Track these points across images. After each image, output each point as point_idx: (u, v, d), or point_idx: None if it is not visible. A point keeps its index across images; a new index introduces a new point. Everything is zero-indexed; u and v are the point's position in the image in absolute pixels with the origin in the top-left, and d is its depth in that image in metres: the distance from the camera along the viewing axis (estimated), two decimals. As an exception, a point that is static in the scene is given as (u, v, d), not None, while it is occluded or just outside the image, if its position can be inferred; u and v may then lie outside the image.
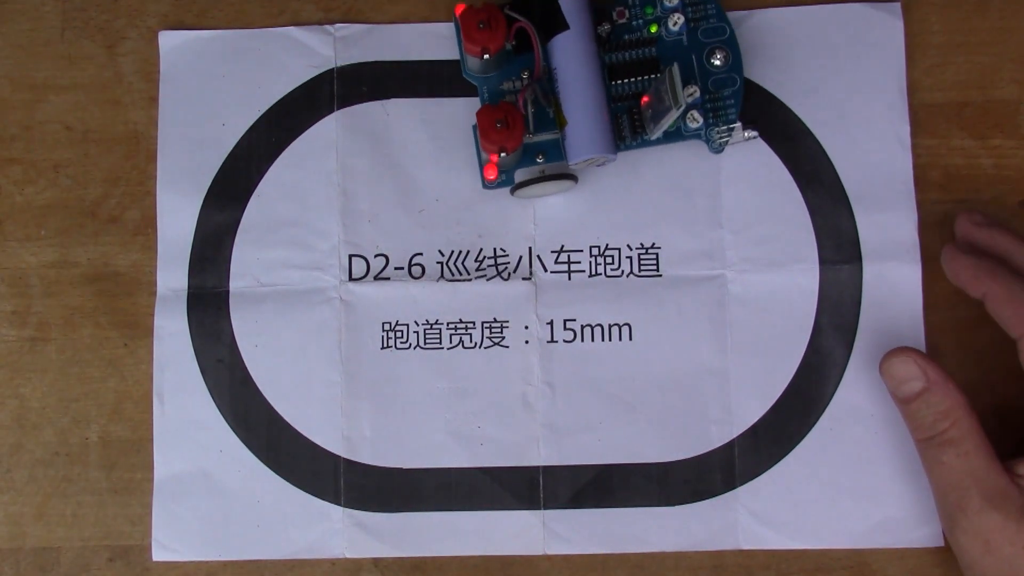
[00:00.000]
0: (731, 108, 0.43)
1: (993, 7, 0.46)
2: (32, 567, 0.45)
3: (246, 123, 0.46)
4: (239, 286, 0.45)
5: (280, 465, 0.45)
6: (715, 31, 0.43)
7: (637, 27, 0.44)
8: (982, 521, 0.38)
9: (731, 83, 0.43)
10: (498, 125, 0.41)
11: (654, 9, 0.43)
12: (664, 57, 0.43)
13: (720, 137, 0.43)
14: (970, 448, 0.38)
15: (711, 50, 0.43)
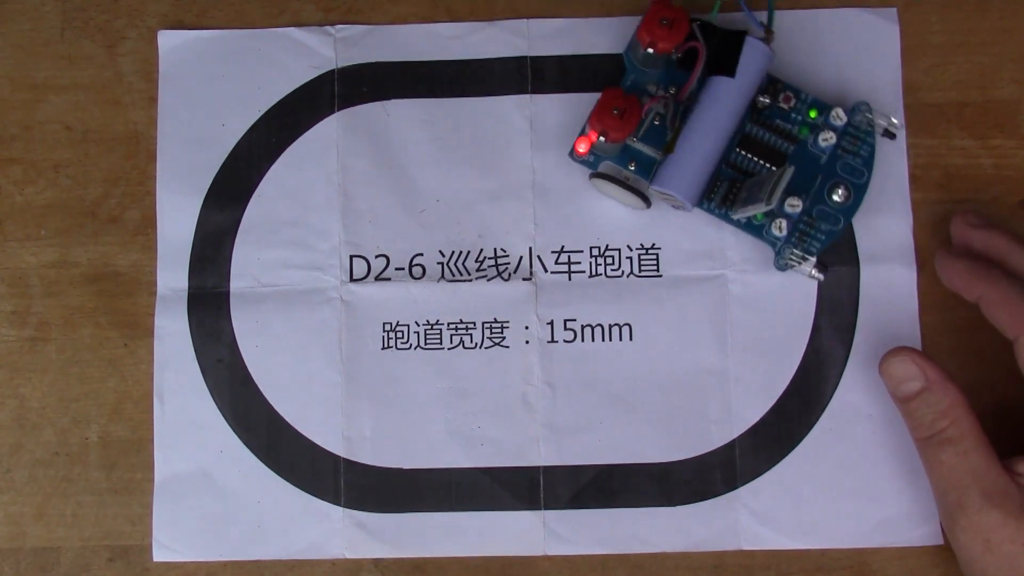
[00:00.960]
0: (818, 242, 0.43)
1: (993, 7, 0.46)
2: (32, 567, 0.45)
3: (246, 123, 0.46)
4: (239, 286, 0.46)
5: (280, 465, 0.45)
6: (854, 170, 0.43)
7: (792, 119, 0.43)
8: (982, 519, 0.38)
9: (834, 222, 0.42)
10: (615, 111, 0.41)
11: (818, 116, 0.43)
12: (794, 158, 0.43)
13: (790, 259, 0.43)
14: (969, 447, 0.38)
15: (837, 184, 0.42)
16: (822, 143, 0.42)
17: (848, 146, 0.43)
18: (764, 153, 0.43)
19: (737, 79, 0.41)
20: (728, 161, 0.43)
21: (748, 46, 0.41)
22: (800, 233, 0.42)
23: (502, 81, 0.46)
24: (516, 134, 0.46)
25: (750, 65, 0.42)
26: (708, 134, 0.42)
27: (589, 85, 0.46)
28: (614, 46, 0.46)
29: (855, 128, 0.42)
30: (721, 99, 0.42)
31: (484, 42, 0.46)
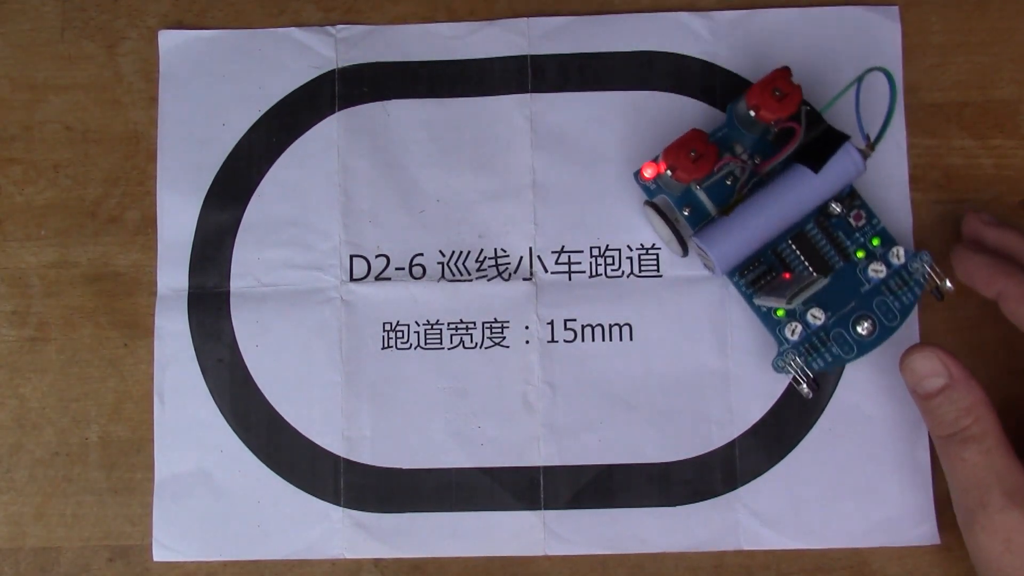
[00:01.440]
0: (823, 362, 0.42)
1: (993, 7, 0.46)
2: (32, 567, 0.45)
3: (247, 123, 0.46)
4: (240, 286, 0.46)
5: (280, 465, 0.45)
6: (889, 310, 0.42)
7: (853, 237, 0.43)
8: (1004, 519, 0.37)
9: (847, 350, 0.42)
10: (692, 152, 0.41)
11: (880, 245, 0.43)
12: (839, 275, 0.42)
13: (787, 365, 0.42)
14: (992, 445, 0.38)
15: (866, 317, 0.42)
16: (871, 273, 0.42)
17: (894, 286, 0.42)
18: (812, 256, 0.43)
19: (819, 177, 0.41)
20: (775, 249, 0.43)
21: (844, 151, 0.41)
22: (810, 346, 0.42)
23: (502, 81, 0.46)
24: (516, 134, 0.46)
25: (838, 170, 0.41)
26: (768, 216, 0.41)
27: (590, 84, 0.46)
28: (614, 44, 0.46)
29: (908, 273, 0.42)
30: (796, 189, 0.41)
31: (484, 42, 0.46)
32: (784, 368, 0.42)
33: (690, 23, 0.46)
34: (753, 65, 0.46)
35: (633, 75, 0.46)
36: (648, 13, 0.46)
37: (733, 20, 0.46)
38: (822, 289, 0.42)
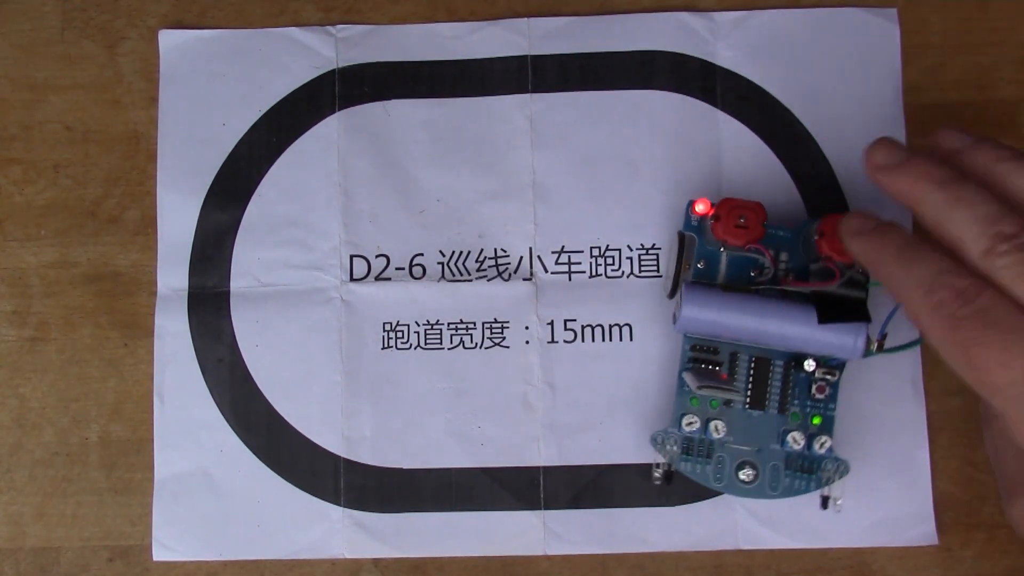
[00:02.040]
0: (690, 468, 0.42)
1: (993, 7, 0.46)
2: (32, 567, 0.45)
3: (247, 123, 0.46)
4: (240, 286, 0.46)
5: (280, 465, 0.45)
6: (777, 480, 0.42)
7: (801, 400, 0.42)
8: None
9: (718, 478, 0.42)
10: (740, 219, 0.41)
11: (817, 426, 0.42)
12: (764, 415, 0.42)
13: (663, 445, 0.42)
14: None
15: (753, 467, 0.42)
16: (789, 440, 0.41)
17: (796, 466, 0.42)
18: (758, 384, 0.42)
19: (818, 330, 0.40)
20: (736, 350, 0.42)
21: (854, 329, 0.40)
22: (692, 447, 0.42)
23: (503, 80, 0.46)
24: (517, 134, 0.46)
25: (837, 338, 0.40)
26: (754, 321, 0.40)
27: (590, 84, 0.46)
28: (615, 44, 0.46)
29: (817, 468, 0.42)
30: (792, 322, 0.40)
31: (485, 41, 0.46)
32: (659, 445, 0.42)
33: (690, 23, 0.46)
34: (753, 65, 0.46)
35: (633, 75, 0.46)
36: (648, 13, 0.46)
37: (733, 20, 0.46)
38: (744, 416, 0.42)
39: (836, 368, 0.42)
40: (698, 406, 0.42)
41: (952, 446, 0.44)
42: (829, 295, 0.40)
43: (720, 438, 0.42)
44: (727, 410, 0.42)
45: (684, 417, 0.42)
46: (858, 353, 0.40)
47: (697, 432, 0.42)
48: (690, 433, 0.42)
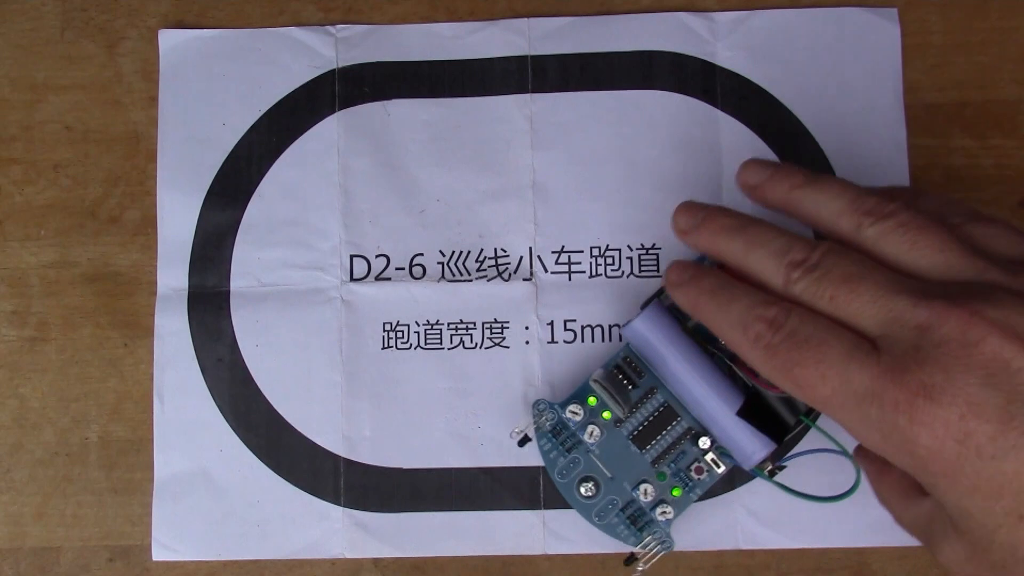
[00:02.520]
0: (538, 442, 0.43)
1: (993, 7, 0.46)
2: (32, 567, 0.45)
3: (247, 123, 0.46)
4: (240, 286, 0.46)
5: (280, 465, 0.45)
6: (604, 515, 0.42)
7: (677, 466, 0.42)
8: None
9: (552, 465, 0.43)
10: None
11: (674, 497, 0.42)
12: (635, 456, 0.42)
13: (540, 416, 0.42)
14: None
15: (589, 479, 0.42)
16: (640, 492, 0.42)
17: (626, 516, 0.42)
18: (652, 429, 0.42)
19: (727, 419, 0.40)
20: (654, 387, 0.42)
21: (756, 441, 0.39)
22: (555, 428, 0.42)
23: (503, 80, 0.46)
24: (517, 134, 0.46)
25: (744, 440, 0.40)
26: (682, 375, 0.40)
27: (590, 84, 0.46)
28: (615, 44, 0.46)
29: (646, 528, 0.42)
30: (717, 395, 0.40)
31: (485, 41, 0.47)
32: (536, 411, 0.42)
33: (690, 23, 0.46)
34: (753, 65, 0.46)
35: (633, 75, 0.46)
36: (648, 13, 0.46)
37: (733, 20, 0.46)
38: (622, 443, 0.42)
39: (725, 463, 0.42)
40: (591, 406, 0.42)
41: None
42: (763, 398, 0.40)
43: (588, 443, 0.42)
44: (612, 428, 0.42)
45: (573, 404, 0.42)
46: (748, 463, 0.39)
47: (574, 425, 0.42)
48: (568, 420, 0.42)
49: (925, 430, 0.30)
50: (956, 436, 0.30)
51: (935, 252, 0.33)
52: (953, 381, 0.30)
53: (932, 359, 0.31)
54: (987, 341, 0.30)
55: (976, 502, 0.31)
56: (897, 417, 0.31)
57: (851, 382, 0.32)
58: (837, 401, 0.33)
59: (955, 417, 0.30)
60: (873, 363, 0.32)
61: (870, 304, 0.33)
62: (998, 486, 0.30)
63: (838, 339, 0.33)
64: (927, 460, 0.31)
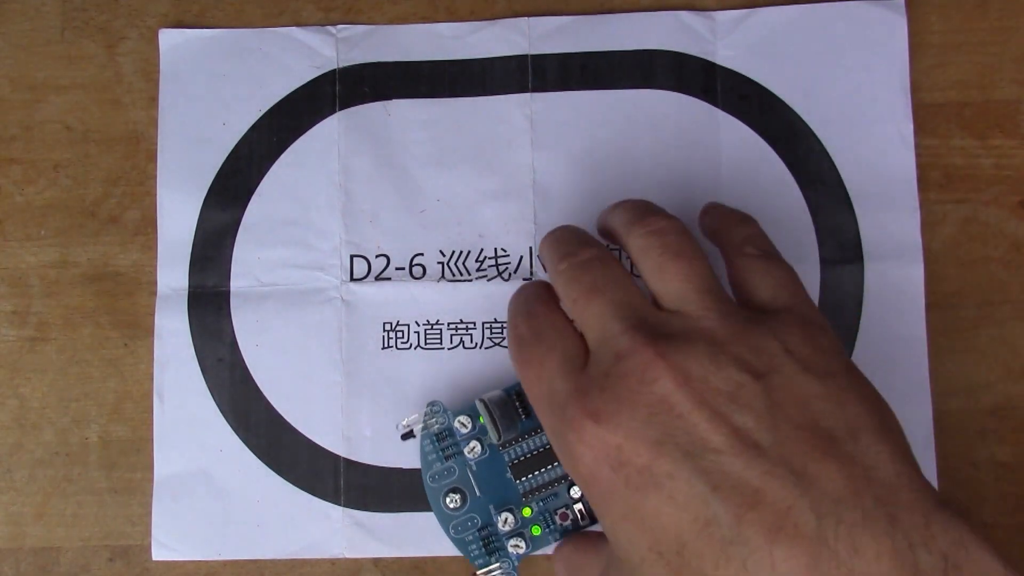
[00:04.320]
0: (420, 442, 0.43)
1: (993, 7, 0.46)
2: (32, 567, 0.45)
3: (247, 123, 0.47)
4: (240, 285, 0.46)
5: (280, 465, 0.45)
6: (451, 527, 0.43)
7: (544, 515, 0.42)
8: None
9: (427, 466, 0.43)
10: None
11: (536, 535, 0.42)
12: (503, 481, 0.42)
13: (430, 419, 0.43)
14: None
15: (453, 482, 0.42)
16: (500, 519, 0.42)
17: (482, 536, 0.42)
18: (531, 461, 0.42)
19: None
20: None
21: None
22: (440, 434, 0.43)
23: (503, 80, 0.47)
24: (517, 133, 0.46)
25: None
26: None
27: (590, 83, 0.46)
28: (615, 44, 0.46)
29: (496, 553, 0.42)
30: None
31: (485, 41, 0.47)
32: (429, 411, 0.43)
33: (691, 22, 0.46)
34: (754, 64, 0.46)
35: (634, 74, 0.46)
36: (649, 12, 0.47)
37: (733, 19, 0.46)
38: (501, 467, 0.42)
39: (592, 519, 0.42)
40: (480, 423, 0.42)
41: (951, 446, 0.44)
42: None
43: (467, 457, 0.42)
44: (496, 451, 0.42)
45: (464, 416, 0.42)
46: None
47: (459, 436, 0.43)
48: (456, 430, 0.42)
49: (588, 451, 0.32)
50: (611, 463, 0.31)
51: (678, 281, 0.35)
52: (621, 411, 0.31)
53: (612, 387, 0.32)
54: (660, 383, 0.31)
55: (625, 531, 0.32)
56: (569, 433, 0.33)
57: (555, 391, 0.34)
58: (542, 406, 0.35)
59: (614, 444, 0.31)
60: (574, 378, 0.34)
61: (596, 319, 0.34)
62: (642, 518, 0.31)
63: (562, 346, 0.35)
64: (588, 481, 0.32)
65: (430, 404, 0.43)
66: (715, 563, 0.29)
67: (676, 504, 0.30)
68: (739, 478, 0.29)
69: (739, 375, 0.31)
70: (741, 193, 0.45)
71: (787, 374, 0.32)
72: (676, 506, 0.30)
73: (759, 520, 0.29)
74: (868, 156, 0.46)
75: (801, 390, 0.31)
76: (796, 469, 0.29)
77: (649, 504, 0.31)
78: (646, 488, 0.31)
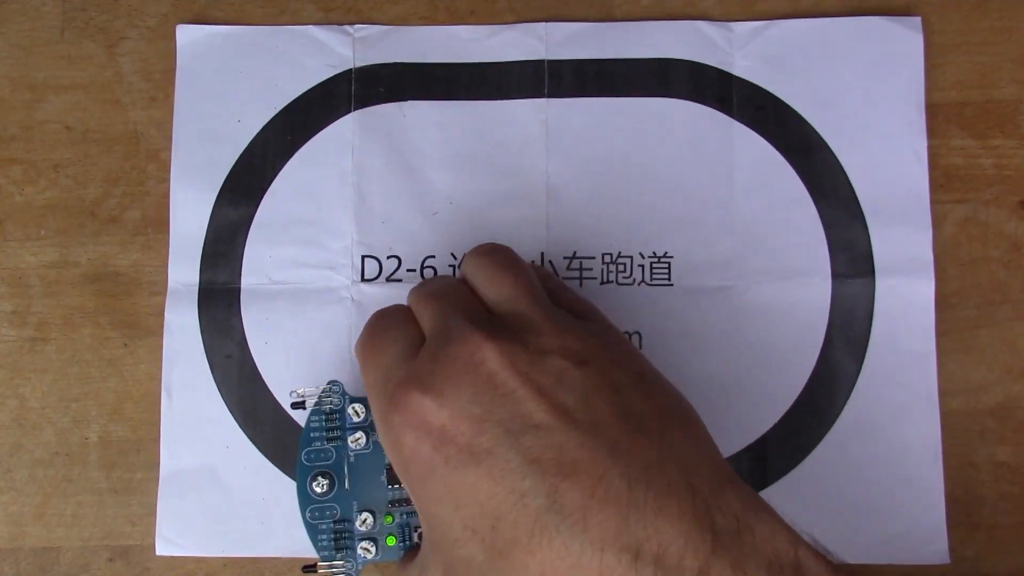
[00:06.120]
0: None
1: (993, 7, 0.50)
2: (32, 567, 0.48)
3: (262, 120, 0.50)
4: (251, 283, 0.49)
5: (286, 463, 0.48)
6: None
7: (404, 529, 0.45)
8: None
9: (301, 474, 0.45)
10: None
11: (389, 545, 0.45)
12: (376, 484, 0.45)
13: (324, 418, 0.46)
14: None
15: (325, 476, 0.45)
16: (359, 519, 0.45)
17: (338, 529, 0.45)
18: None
19: None
20: None
21: None
22: (328, 430, 0.45)
23: (519, 84, 0.50)
24: (532, 138, 0.50)
25: None
26: None
27: (606, 90, 0.50)
28: (632, 51, 0.50)
29: (344, 548, 0.45)
30: None
31: (502, 45, 0.50)
32: (327, 388, 0.45)
33: (708, 32, 0.50)
34: (770, 75, 0.50)
35: (650, 82, 0.50)
36: (666, 21, 0.50)
37: (751, 30, 0.50)
38: (378, 467, 0.45)
39: None
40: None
41: (951, 446, 0.47)
42: None
43: (349, 447, 0.45)
44: (378, 450, 0.45)
45: (360, 405, 0.45)
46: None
47: (349, 424, 0.45)
48: (347, 416, 0.45)
49: (411, 432, 0.36)
50: (433, 442, 0.36)
51: (507, 287, 0.40)
52: (446, 389, 0.36)
53: (441, 367, 0.37)
54: (487, 363, 0.36)
55: (440, 512, 0.36)
56: (394, 415, 0.37)
57: (388, 377, 0.39)
58: (374, 392, 0.40)
59: (437, 424, 0.36)
60: (408, 364, 0.39)
61: (434, 312, 0.40)
62: (458, 497, 0.35)
63: (402, 335, 0.40)
64: (408, 462, 0.37)
65: (330, 383, 0.45)
66: (529, 532, 0.33)
67: (493, 479, 0.34)
68: (558, 451, 0.34)
69: (562, 361, 0.36)
70: (754, 204, 0.49)
71: (603, 365, 0.37)
72: (493, 481, 0.34)
73: (573, 487, 0.33)
74: (882, 171, 0.49)
75: (616, 379, 0.37)
76: (610, 441, 0.34)
77: (467, 481, 0.35)
78: (465, 466, 0.35)
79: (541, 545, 0.33)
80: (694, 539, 0.32)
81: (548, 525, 0.33)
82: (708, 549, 0.32)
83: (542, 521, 0.33)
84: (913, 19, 0.50)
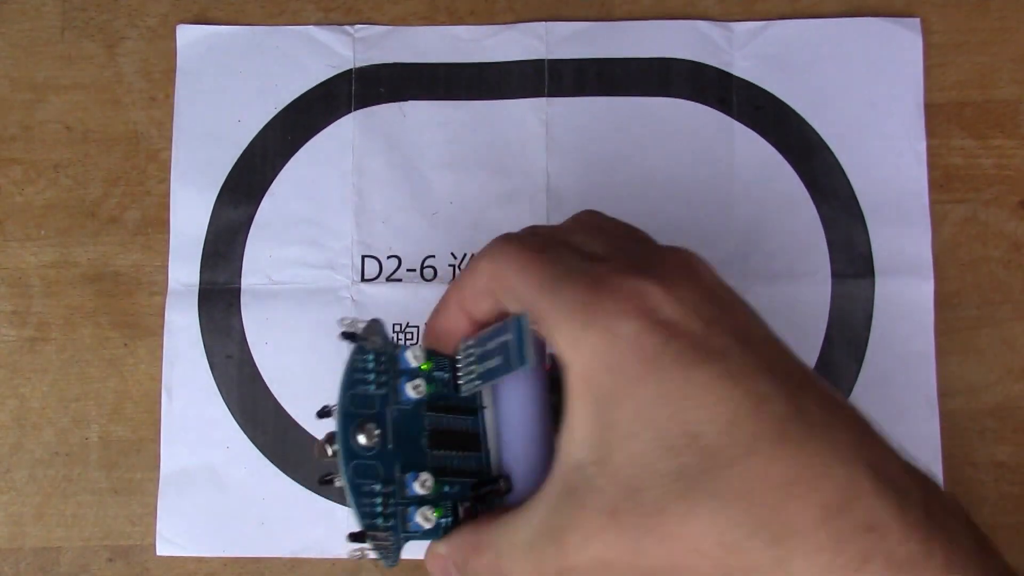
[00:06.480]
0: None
1: (993, 7, 0.51)
2: (32, 567, 0.49)
3: (262, 120, 0.51)
4: (251, 283, 0.50)
5: (286, 463, 0.49)
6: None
7: (448, 505, 0.37)
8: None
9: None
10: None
11: (444, 520, 0.37)
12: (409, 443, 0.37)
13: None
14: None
15: (354, 429, 0.35)
16: (417, 483, 0.36)
17: (397, 497, 0.36)
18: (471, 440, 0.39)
19: None
20: None
21: None
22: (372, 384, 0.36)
23: (519, 84, 0.51)
24: (532, 138, 0.51)
25: None
26: None
27: (606, 89, 0.51)
28: (632, 51, 0.51)
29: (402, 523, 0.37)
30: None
31: (502, 45, 0.51)
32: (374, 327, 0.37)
33: (708, 32, 0.51)
34: (770, 75, 0.51)
35: (650, 82, 0.51)
36: (666, 21, 0.51)
37: (751, 30, 0.51)
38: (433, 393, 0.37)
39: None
40: (426, 370, 0.37)
41: (951, 446, 0.48)
42: None
43: (407, 395, 0.36)
44: (440, 397, 0.37)
45: (419, 351, 0.37)
46: None
47: (405, 366, 0.37)
48: (407, 359, 0.37)
49: (632, 320, 0.32)
50: (664, 333, 0.32)
51: (604, 241, 0.36)
52: (676, 285, 0.32)
53: (661, 264, 0.34)
54: (704, 274, 0.34)
55: (641, 421, 0.31)
56: (607, 300, 0.33)
57: (583, 270, 0.34)
58: (558, 284, 0.34)
59: (666, 313, 0.32)
60: (603, 264, 0.34)
61: (610, 237, 0.37)
62: (680, 399, 0.31)
63: (577, 249, 0.36)
64: (624, 356, 0.32)
65: (373, 320, 0.37)
66: (770, 439, 0.31)
67: (732, 377, 0.31)
68: (788, 363, 0.33)
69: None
70: (753, 204, 0.50)
71: None
72: (732, 380, 0.31)
73: (813, 401, 0.32)
74: (881, 172, 0.50)
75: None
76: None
77: (698, 379, 0.31)
78: (698, 364, 0.31)
79: (779, 455, 0.31)
80: (915, 478, 0.32)
81: (790, 433, 0.31)
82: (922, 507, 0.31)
83: (784, 429, 0.31)
84: (912, 20, 0.51)
